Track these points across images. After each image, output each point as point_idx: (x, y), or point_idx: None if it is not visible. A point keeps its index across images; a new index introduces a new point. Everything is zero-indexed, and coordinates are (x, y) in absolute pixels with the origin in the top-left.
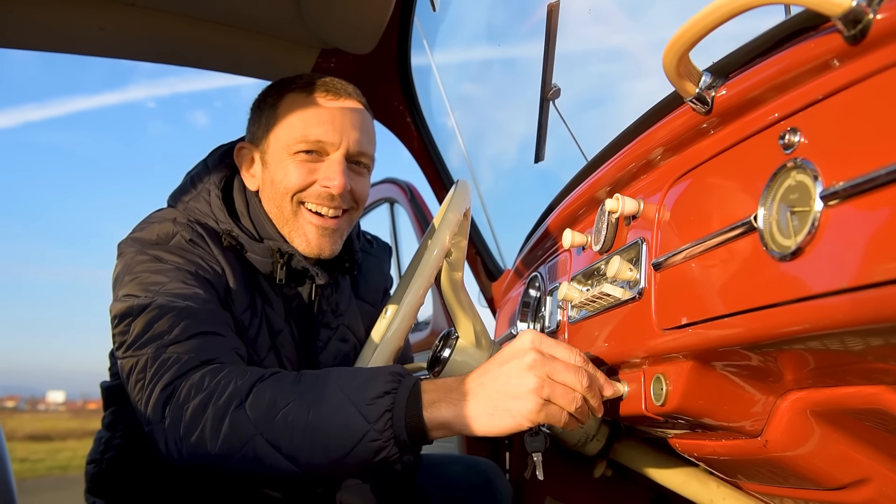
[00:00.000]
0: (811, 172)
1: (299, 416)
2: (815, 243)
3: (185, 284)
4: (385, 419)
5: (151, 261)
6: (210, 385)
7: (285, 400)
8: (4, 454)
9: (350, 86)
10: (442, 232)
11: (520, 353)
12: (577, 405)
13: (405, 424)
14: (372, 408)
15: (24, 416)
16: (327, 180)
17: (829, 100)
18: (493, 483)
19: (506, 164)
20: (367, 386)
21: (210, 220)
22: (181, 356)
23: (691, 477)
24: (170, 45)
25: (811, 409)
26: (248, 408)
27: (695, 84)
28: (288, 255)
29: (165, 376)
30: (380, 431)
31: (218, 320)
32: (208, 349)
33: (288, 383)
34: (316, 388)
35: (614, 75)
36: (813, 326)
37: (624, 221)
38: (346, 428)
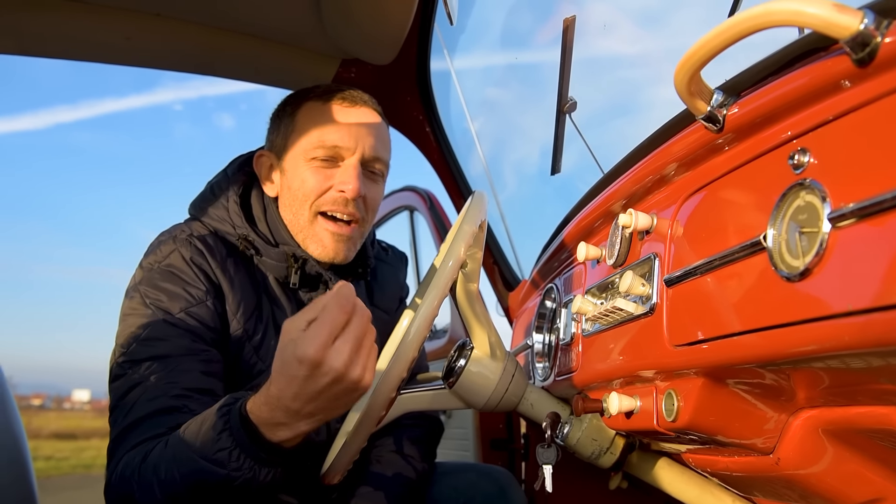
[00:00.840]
0: (819, 193)
1: (177, 483)
2: (823, 265)
3: (160, 334)
4: (234, 457)
5: (139, 301)
6: (121, 477)
7: (164, 470)
8: (25, 452)
9: (366, 95)
10: (457, 244)
11: (310, 368)
12: (371, 349)
13: (255, 449)
14: (221, 454)
15: (50, 415)
16: (342, 184)
17: (838, 121)
18: (506, 492)
19: (525, 174)
20: (206, 436)
21: (227, 225)
22: (121, 446)
23: (706, 491)
24: (194, 55)
25: (823, 428)
26: (143, 488)
27: (706, 102)
28: (302, 260)
29: (108, 468)
30: (239, 467)
31: (176, 393)
32: (146, 431)
33: (160, 454)
34: (177, 452)
35: (631, 87)
36: (821, 348)
37: (637, 236)
38: (216, 479)
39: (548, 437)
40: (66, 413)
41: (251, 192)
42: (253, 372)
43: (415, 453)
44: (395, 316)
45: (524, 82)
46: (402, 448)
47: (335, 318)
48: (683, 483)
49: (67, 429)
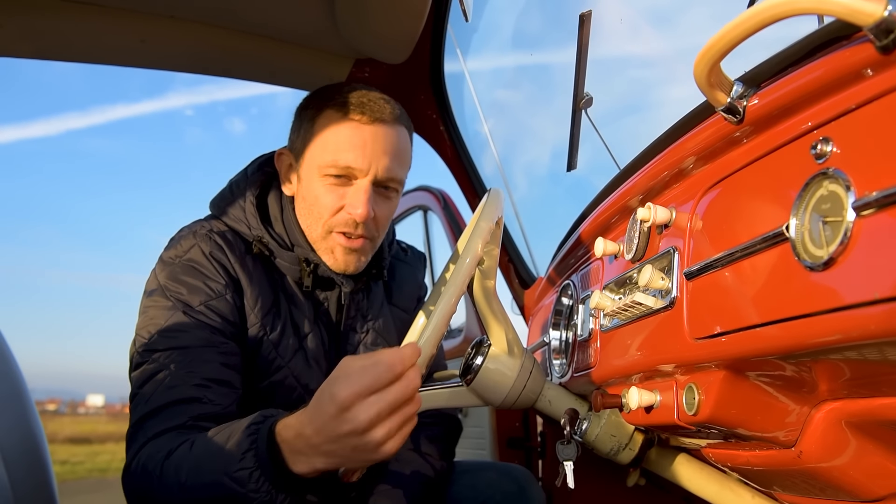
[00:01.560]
0: (843, 182)
1: (197, 489)
2: (848, 253)
3: (181, 326)
4: (254, 478)
5: (159, 293)
6: (142, 467)
7: (185, 474)
8: (46, 456)
9: (389, 103)
10: (474, 240)
11: (344, 408)
12: (414, 412)
13: (276, 475)
14: (241, 473)
15: (65, 419)
16: (352, 207)
17: (861, 109)
18: (525, 490)
19: (539, 172)
20: (231, 454)
21: (243, 225)
22: (141, 434)
23: (725, 487)
24: (208, 56)
25: (846, 420)
26: (164, 486)
27: (726, 94)
28: (314, 265)
29: (127, 456)
30: (257, 490)
31: (197, 382)
32: (166, 420)
33: (184, 456)
34: (200, 459)
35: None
36: (845, 337)
37: (656, 230)
38: (234, 496)
39: (567, 434)
40: (80, 418)
41: (269, 191)
42: (271, 368)
43: (433, 451)
44: (414, 315)
45: (537, 81)
46: (420, 446)
47: (380, 373)
48: (702, 479)
49: (82, 433)
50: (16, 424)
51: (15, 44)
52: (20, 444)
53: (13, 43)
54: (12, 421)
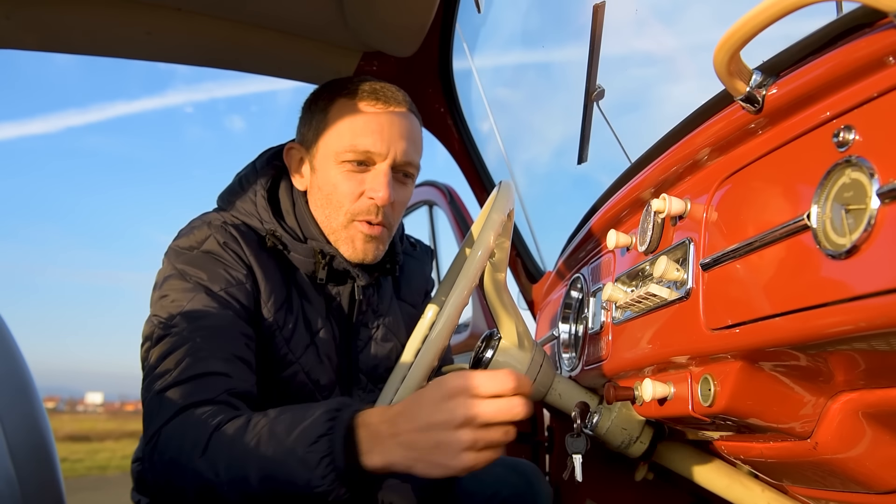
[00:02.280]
0: (867, 170)
1: (251, 469)
2: (872, 241)
3: (203, 308)
4: (324, 465)
5: (177, 277)
6: (178, 434)
7: (240, 450)
8: (53, 452)
9: (400, 92)
10: (486, 232)
11: (447, 400)
12: (509, 436)
13: (345, 470)
14: (311, 455)
15: (64, 417)
16: (373, 191)
17: (884, 97)
18: (533, 485)
19: (546, 167)
20: (306, 431)
21: (255, 219)
22: (172, 402)
23: (735, 481)
24: (214, 49)
25: (863, 411)
26: (206, 461)
27: (745, 83)
28: (330, 257)
29: (153, 426)
30: (321, 477)
31: (225, 356)
32: (199, 391)
33: (240, 432)
34: (263, 435)
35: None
36: (869, 325)
37: (670, 222)
38: (292, 478)
39: (577, 427)
40: (79, 416)
41: (279, 185)
42: (283, 363)
43: None
44: (421, 309)
45: (547, 75)
46: None
47: (499, 378)
48: (712, 473)
49: (81, 431)
50: (23, 421)
51: (19, 36)
52: (28, 441)
53: (18, 35)
54: (20, 418)
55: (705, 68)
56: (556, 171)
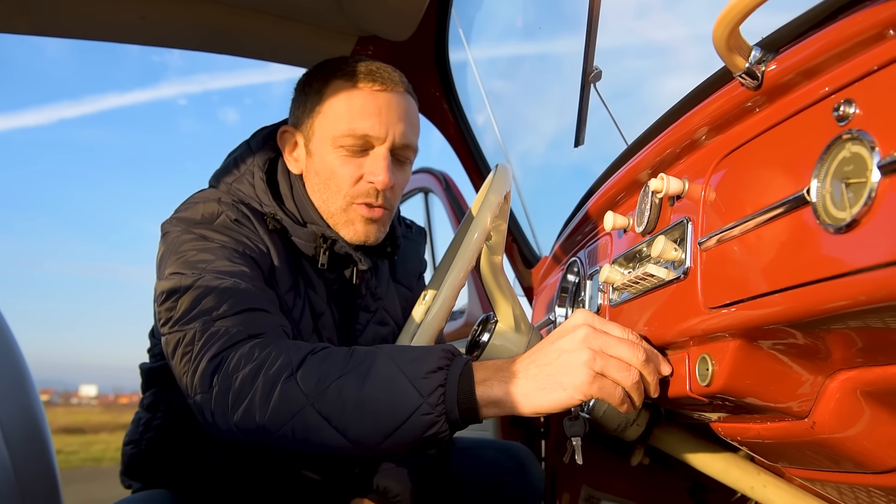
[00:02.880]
0: (868, 143)
1: (351, 388)
2: (872, 214)
3: (231, 262)
4: (438, 393)
5: (197, 239)
6: (261, 356)
7: (337, 372)
8: (49, 443)
9: (396, 72)
10: (483, 214)
11: (572, 329)
12: (633, 380)
13: (457, 400)
14: (426, 381)
15: (58, 410)
16: (372, 175)
17: (885, 70)
18: (525, 467)
19: (543, 152)
20: (421, 361)
21: (254, 202)
22: (230, 329)
23: (731, 464)
24: (209, 34)
25: (861, 389)
26: (300, 379)
27: (745, 58)
28: (331, 241)
29: (214, 347)
30: (432, 405)
31: (264, 298)
32: (256, 324)
33: (340, 356)
34: (368, 361)
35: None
36: (869, 299)
37: (668, 202)
38: (398, 401)
39: (574, 410)
40: (73, 408)
41: (276, 167)
42: None
43: None
44: (415, 290)
45: (541, 60)
46: None
47: (627, 333)
48: (709, 456)
49: (75, 423)
50: (20, 413)
51: (11, 19)
52: (24, 432)
53: (10, 18)
54: (16, 409)
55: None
56: (553, 156)
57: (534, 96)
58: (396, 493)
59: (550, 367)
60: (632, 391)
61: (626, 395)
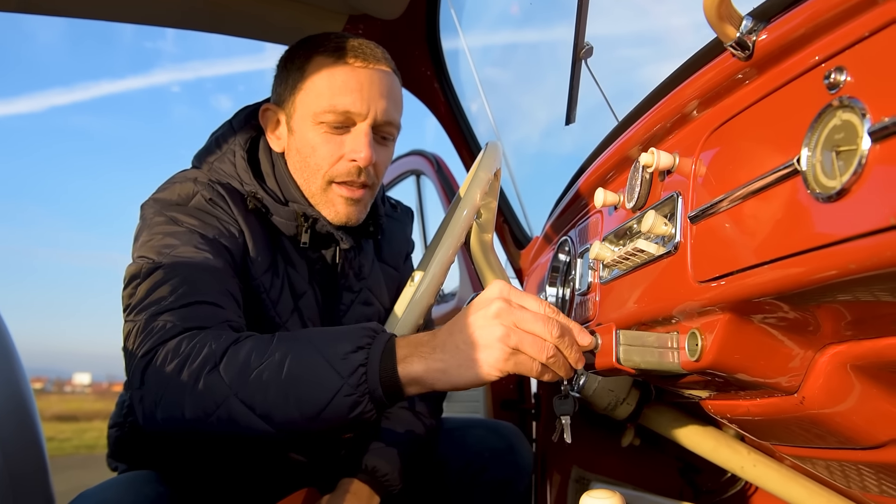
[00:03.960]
0: (859, 110)
1: (273, 374)
2: (862, 182)
3: (196, 249)
4: (359, 374)
5: (167, 222)
6: (186, 349)
7: (259, 359)
8: (39, 432)
9: (379, 49)
10: (472, 190)
11: (486, 303)
12: (549, 354)
13: (379, 379)
14: (345, 362)
15: (52, 397)
16: (353, 153)
17: (875, 36)
18: (514, 447)
19: (534, 133)
20: (341, 342)
21: (235, 181)
22: (167, 323)
23: (721, 443)
24: (197, 11)
25: (851, 364)
26: (222, 369)
27: (736, 28)
28: (312, 220)
29: (148, 343)
30: (354, 386)
31: (220, 289)
32: (200, 317)
33: (262, 344)
34: (289, 345)
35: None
36: (859, 268)
37: (658, 177)
38: (319, 383)
39: (564, 388)
40: (67, 396)
41: (258, 146)
42: (270, 326)
43: (423, 409)
44: (402, 270)
45: (537, 38)
46: (412, 404)
47: (544, 306)
48: (699, 435)
49: (69, 411)
50: (9, 399)
51: None
52: (14, 420)
53: None
54: (6, 397)
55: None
56: (545, 136)
57: (526, 75)
58: (385, 472)
59: (466, 343)
60: (550, 364)
61: (546, 368)
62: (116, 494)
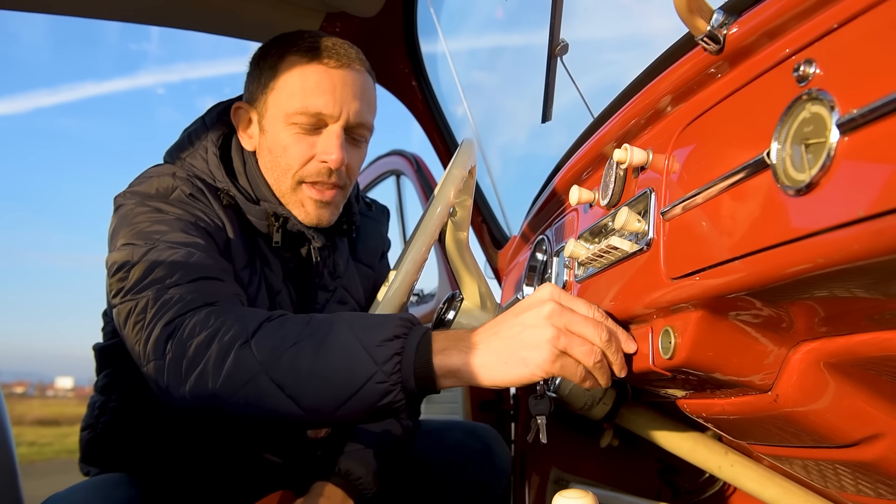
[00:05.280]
0: (828, 103)
1: (306, 355)
2: (831, 175)
3: (186, 234)
4: (394, 361)
5: (151, 211)
6: (216, 322)
7: (293, 339)
8: (9, 436)
9: (353, 49)
10: (446, 187)
11: (537, 304)
12: (595, 360)
13: (413, 369)
14: (381, 349)
15: (34, 402)
16: (325, 154)
17: (844, 28)
18: (491, 448)
19: (512, 132)
20: (378, 328)
21: (207, 177)
22: (184, 296)
23: (699, 443)
24: (175, 8)
25: (825, 361)
26: (254, 345)
27: (706, 21)
28: (283, 219)
29: (168, 314)
30: (387, 374)
31: (220, 268)
32: (211, 292)
33: (297, 323)
34: (325, 328)
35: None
36: (828, 261)
37: (632, 173)
38: (353, 368)
39: (540, 388)
40: (49, 400)
41: (230, 143)
42: None
43: None
44: (378, 269)
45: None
46: None
47: (594, 310)
48: (676, 436)
49: (51, 415)
50: None
51: None
52: None
53: None
54: None
55: None
56: (523, 135)
57: (506, 73)
58: (359, 475)
59: (513, 341)
60: (594, 370)
61: (589, 374)
62: (85, 497)
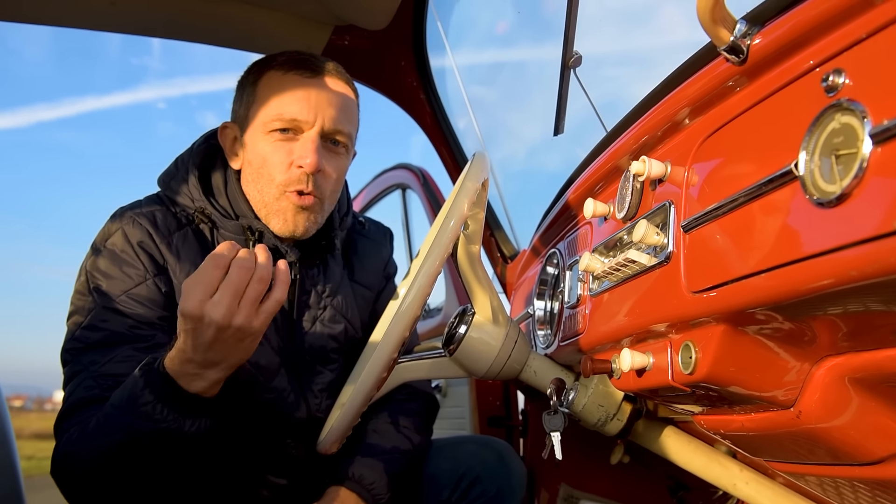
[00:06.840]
0: (859, 113)
1: (115, 451)
2: (864, 186)
3: (101, 317)
4: (159, 410)
5: (83, 284)
6: (64, 452)
7: (101, 437)
8: (13, 452)
9: (331, 62)
10: (460, 200)
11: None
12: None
13: (176, 401)
14: (144, 409)
15: (31, 415)
16: (300, 159)
17: (874, 37)
18: (506, 461)
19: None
20: (131, 398)
21: (186, 198)
22: (63, 428)
23: (713, 460)
24: (182, 21)
25: (849, 376)
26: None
27: (730, 31)
28: (259, 233)
29: (55, 448)
30: (164, 419)
31: (111, 379)
32: (83, 417)
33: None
34: (107, 421)
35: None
36: (862, 274)
37: (650, 186)
38: (146, 433)
39: (553, 404)
40: (47, 414)
41: (214, 164)
42: None
43: (410, 425)
44: (383, 292)
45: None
46: (397, 420)
47: (209, 274)
48: (690, 452)
49: (48, 429)
50: None
51: None
52: None
53: None
54: None
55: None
56: (533, 150)
57: (515, 87)
58: (372, 480)
59: (227, 349)
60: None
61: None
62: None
